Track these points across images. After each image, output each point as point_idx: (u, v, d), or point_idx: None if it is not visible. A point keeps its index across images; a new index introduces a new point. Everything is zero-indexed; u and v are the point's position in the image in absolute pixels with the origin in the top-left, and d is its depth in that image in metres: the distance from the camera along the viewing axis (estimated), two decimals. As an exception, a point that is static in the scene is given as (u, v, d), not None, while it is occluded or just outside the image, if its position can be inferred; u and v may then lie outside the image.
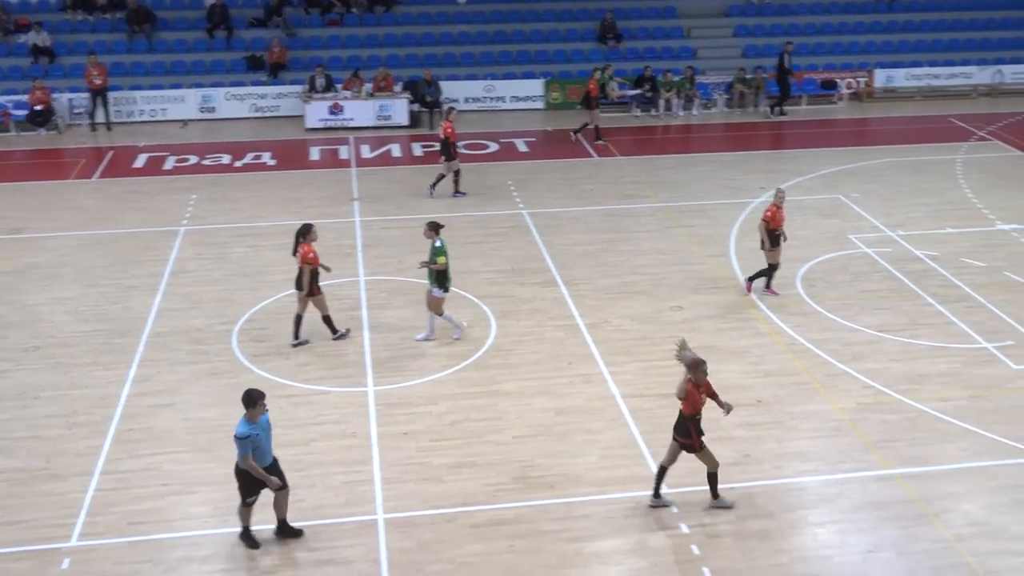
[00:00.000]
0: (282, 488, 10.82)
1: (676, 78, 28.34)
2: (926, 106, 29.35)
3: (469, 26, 30.63)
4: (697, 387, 11.22)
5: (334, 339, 15.44)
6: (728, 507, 11.60)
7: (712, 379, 14.22)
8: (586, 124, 25.72)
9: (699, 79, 28.81)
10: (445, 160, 21.46)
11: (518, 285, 17.33)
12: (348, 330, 15.63)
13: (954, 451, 12.71)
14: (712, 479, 11.57)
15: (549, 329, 15.86)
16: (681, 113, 28.33)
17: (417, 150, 25.49)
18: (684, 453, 11.46)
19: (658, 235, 19.67)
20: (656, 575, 10.59)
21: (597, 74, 26.41)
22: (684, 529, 11.25)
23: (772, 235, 16.56)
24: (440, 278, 15.08)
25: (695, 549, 10.94)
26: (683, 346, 11.43)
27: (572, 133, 25.89)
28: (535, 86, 28.90)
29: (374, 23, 30.61)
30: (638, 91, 28.17)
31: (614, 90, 28.03)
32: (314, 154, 25.21)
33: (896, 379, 14.36)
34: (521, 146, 25.74)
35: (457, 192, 21.72)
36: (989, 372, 14.55)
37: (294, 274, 15.29)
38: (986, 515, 11.53)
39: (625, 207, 21.21)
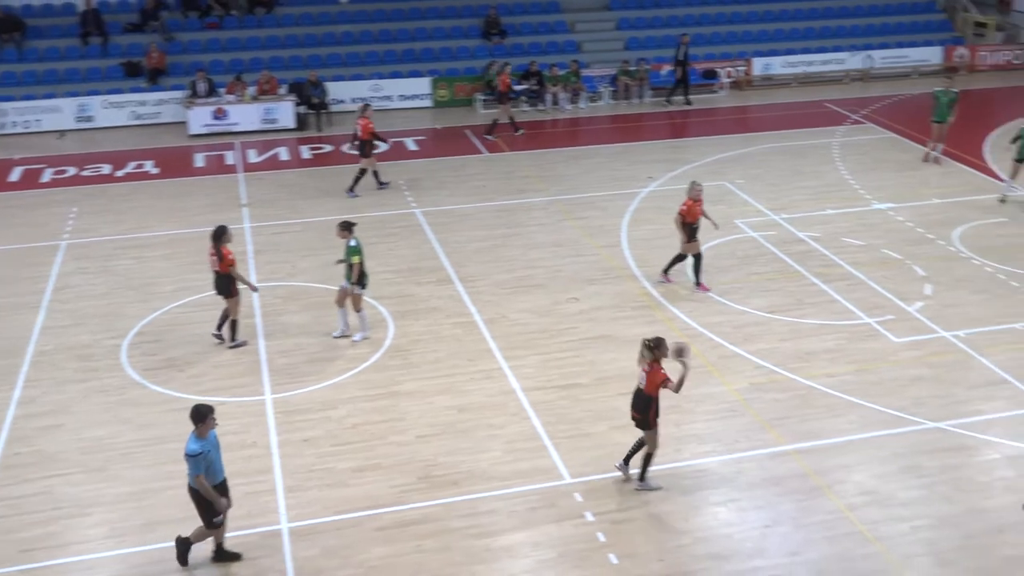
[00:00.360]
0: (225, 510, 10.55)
1: (562, 72, 28.61)
2: (802, 92, 30.26)
3: (352, 26, 30.36)
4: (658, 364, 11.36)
5: (231, 347, 15.19)
6: (656, 489, 11.86)
7: (609, 367, 14.62)
8: (497, 120, 26.01)
9: (584, 72, 29.14)
10: (363, 157, 21.47)
11: (414, 284, 17.28)
12: (245, 341, 15.41)
13: (843, 424, 13.17)
14: (647, 460, 11.86)
15: (447, 327, 15.87)
16: (568, 107, 28.63)
17: (305, 153, 25.18)
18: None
19: (551, 228, 19.86)
20: (563, 565, 10.71)
21: (508, 68, 26.56)
22: (589, 517, 11.40)
23: (689, 228, 16.72)
24: (359, 276, 15.11)
25: (601, 536, 11.10)
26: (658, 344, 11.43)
27: (516, 132, 26.01)
28: (422, 84, 28.82)
29: (255, 25, 30.09)
30: (525, 86, 28.35)
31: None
32: (199, 161, 24.66)
33: (786, 358, 14.81)
34: (411, 145, 25.66)
35: (381, 184, 21.92)
36: (872, 346, 15.12)
37: (186, 283, 14.96)
38: (876, 484, 11.99)
39: (518, 202, 21.34)
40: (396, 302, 16.59)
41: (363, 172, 21.59)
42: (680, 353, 11.31)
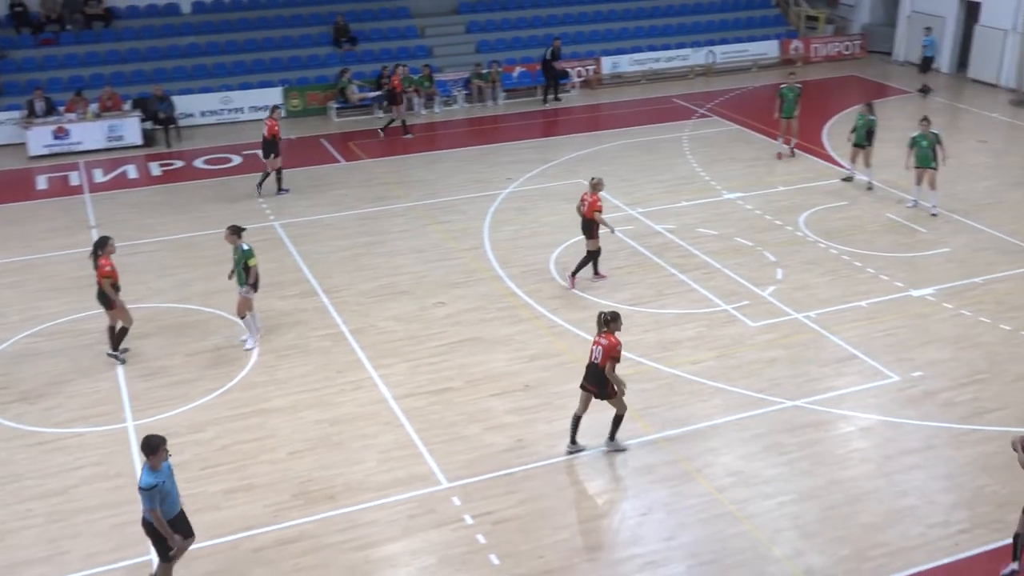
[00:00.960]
0: (186, 542, 10.15)
1: (415, 77, 28.57)
2: (651, 89, 31.07)
3: (197, 37, 29.57)
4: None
5: (111, 353, 14.93)
6: (624, 450, 12.51)
7: (479, 370, 14.71)
8: (392, 120, 26.29)
9: (437, 77, 29.17)
10: (272, 158, 21.74)
11: (277, 299, 16.96)
12: (124, 358, 15.06)
13: (708, 409, 13.62)
14: (617, 421, 12.44)
15: (314, 340, 15.65)
16: (423, 112, 28.61)
17: (155, 170, 24.36)
18: (595, 401, 12.39)
19: (414, 234, 19.82)
20: (445, 570, 10.73)
21: (400, 70, 26.76)
22: (468, 520, 11.44)
23: (597, 223, 16.96)
24: (247, 279, 14.98)
25: (481, 538, 11.16)
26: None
27: (405, 133, 26.26)
28: (274, 94, 28.28)
29: (93, 40, 28.95)
30: (379, 92, 28.20)
31: (354, 93, 27.94)
32: (41, 183, 23.57)
33: (650, 348, 15.20)
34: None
35: (281, 190, 22.09)
36: (731, 332, 15.67)
37: (35, 312, 14.31)
38: (742, 464, 12.44)
39: (378, 209, 21.22)
40: (260, 318, 16.25)
41: (273, 172, 21.96)
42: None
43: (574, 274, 17.24)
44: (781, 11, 35.77)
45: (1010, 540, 10.63)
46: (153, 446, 9.71)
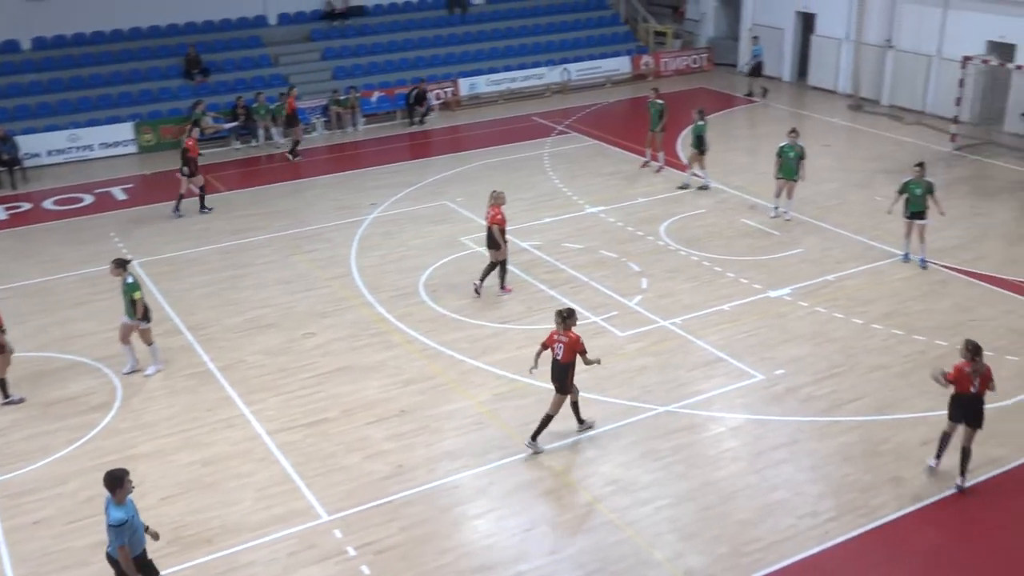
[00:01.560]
0: None
1: (271, 106, 28.17)
2: (509, 108, 31.45)
3: (39, 74, 28.44)
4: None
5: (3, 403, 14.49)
6: (539, 452, 13.00)
7: (354, 398, 14.56)
8: (297, 143, 26.58)
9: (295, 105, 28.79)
10: (188, 176, 22.09)
11: (139, 340, 16.39)
12: (23, 398, 14.64)
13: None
14: (545, 422, 12.98)
15: (180, 380, 15.21)
16: (282, 140, 28.22)
17: (1, 214, 23.27)
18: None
19: (279, 265, 19.50)
20: (331, 604, 10.56)
21: (295, 91, 27.07)
22: (351, 552, 11.29)
23: (502, 234, 17.33)
24: (136, 312, 14.83)
25: (366, 569, 11.02)
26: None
27: (291, 155, 26.48)
28: (124, 130, 27.46)
29: (-75, 81, 27.56)
30: (234, 123, 27.69)
31: (209, 125, 27.36)
32: None
33: (524, 365, 15.22)
34: (119, 194, 24.36)
35: (204, 208, 22.43)
36: (601, 343, 15.94)
37: None
38: (619, 472, 12.66)
39: (241, 242, 20.79)
40: (120, 363, 15.69)
41: (202, 189, 22.41)
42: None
43: (482, 280, 17.65)
44: (630, 28, 36.76)
45: (876, 524, 11.30)
46: (118, 479, 9.49)
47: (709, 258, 19.04)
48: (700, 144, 22.60)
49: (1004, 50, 26.60)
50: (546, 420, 12.99)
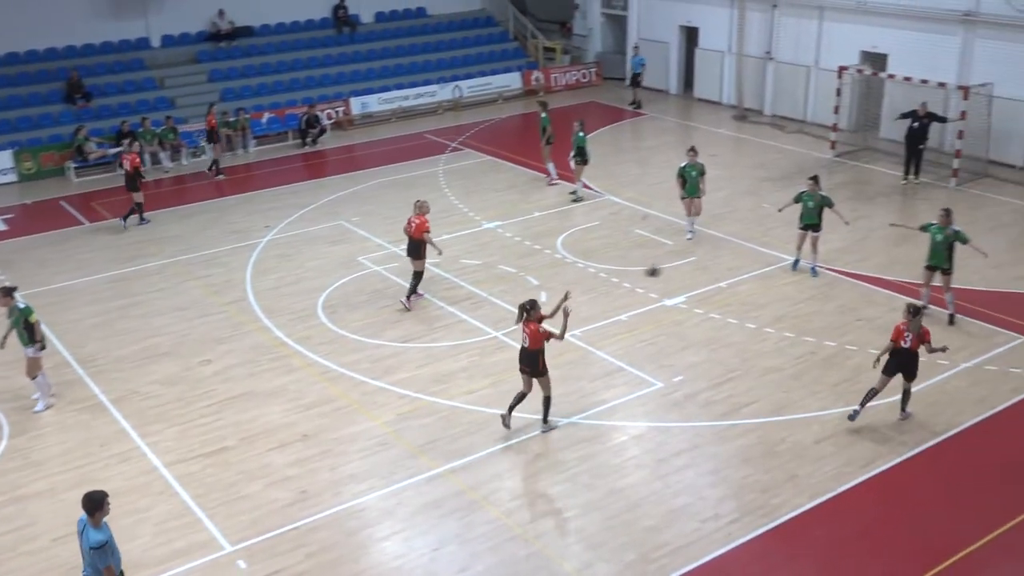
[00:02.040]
0: None
1: (158, 130, 27.53)
2: (402, 126, 31.39)
3: (-93, 102, 27.29)
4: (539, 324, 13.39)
5: None
6: (556, 427, 13.81)
7: (255, 424, 14.31)
8: (216, 160, 26.43)
9: (182, 128, 28.24)
10: (132, 191, 22.45)
11: (23, 376, 15.80)
12: None
13: (488, 436, 13.83)
14: (546, 404, 13.70)
15: (71, 415, 14.71)
16: (170, 164, 27.60)
17: None
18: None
19: (172, 292, 19.05)
20: (238, 636, 10.33)
21: (214, 108, 27.13)
22: (257, 582, 11.09)
23: (425, 243, 17.55)
24: (34, 337, 14.44)
25: (272, 598, 10.83)
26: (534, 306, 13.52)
27: (210, 172, 26.65)
28: (3, 158, 26.48)
29: None
30: (119, 148, 26.95)
31: (93, 150, 26.60)
32: None
33: (426, 383, 15.29)
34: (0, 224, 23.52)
35: (143, 220, 22.76)
36: (503, 358, 16.01)
37: None
38: (526, 486, 12.73)
39: (131, 269, 20.24)
40: (7, 398, 15.11)
41: (138, 205, 22.61)
42: (566, 311, 13.60)
43: (409, 296, 17.85)
44: (520, 44, 37.12)
45: (777, 523, 11.70)
46: (97, 501, 9.44)
47: (606, 269, 19.32)
48: (581, 155, 23.03)
49: (877, 59, 27.73)
50: (546, 402, 13.76)
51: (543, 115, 24.58)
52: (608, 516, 12.08)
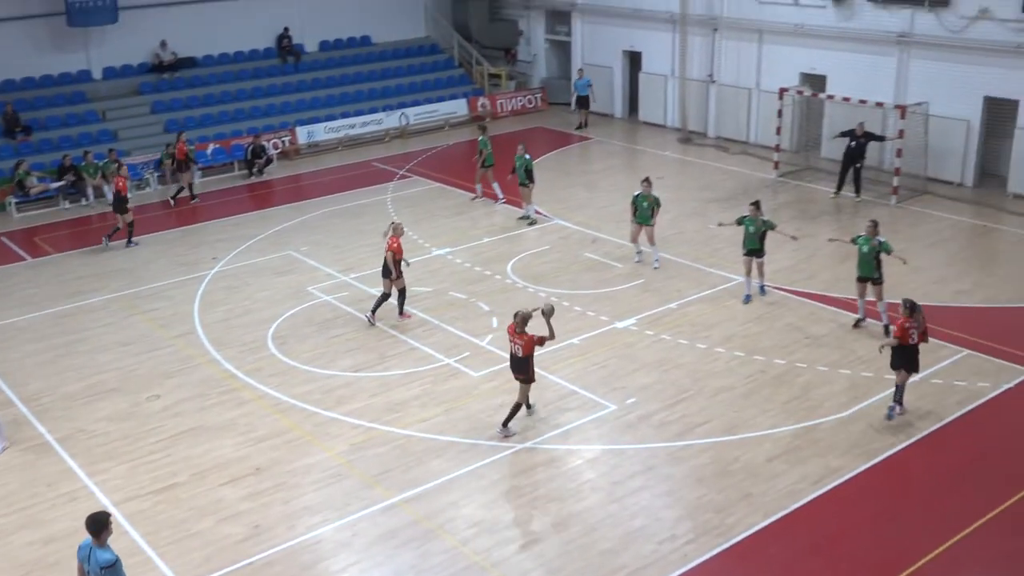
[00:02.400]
0: None
1: (100, 163, 27.17)
2: (349, 155, 31.29)
3: None
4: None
5: None
6: (512, 435, 14.21)
7: (205, 459, 14.11)
8: (181, 188, 26.00)
9: (126, 160, 27.85)
10: (120, 213, 23.11)
11: (-33, 416, 15.49)
12: None
13: (444, 464, 13.77)
14: (514, 410, 14.26)
15: (15, 455, 14.38)
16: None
17: None
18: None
19: (118, 327, 18.76)
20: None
21: (184, 136, 26.98)
22: (212, 620, 10.90)
23: (397, 265, 18.03)
24: None
25: (227, 636, 10.65)
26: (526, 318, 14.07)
27: (173, 201, 26.42)
28: (-60, 194, 25.98)
29: None
30: (62, 182, 26.57)
31: (34, 185, 26.18)
32: None
33: (379, 413, 15.20)
34: (-63, 263, 23.00)
35: (130, 243, 23.32)
36: (456, 384, 15.98)
37: None
38: (482, 513, 12.67)
39: (76, 305, 19.90)
40: (-51, 440, 14.76)
41: (129, 225, 23.25)
42: (548, 312, 14.21)
43: (401, 313, 18.37)
44: (465, 71, 37.27)
45: (732, 542, 11.81)
46: (101, 522, 9.51)
47: (557, 293, 19.39)
48: (530, 177, 23.22)
49: (816, 81, 28.28)
50: (515, 408, 14.25)
51: (481, 138, 24.89)
52: (565, 540, 12.07)
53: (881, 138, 24.76)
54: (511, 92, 36.71)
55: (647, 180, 20.83)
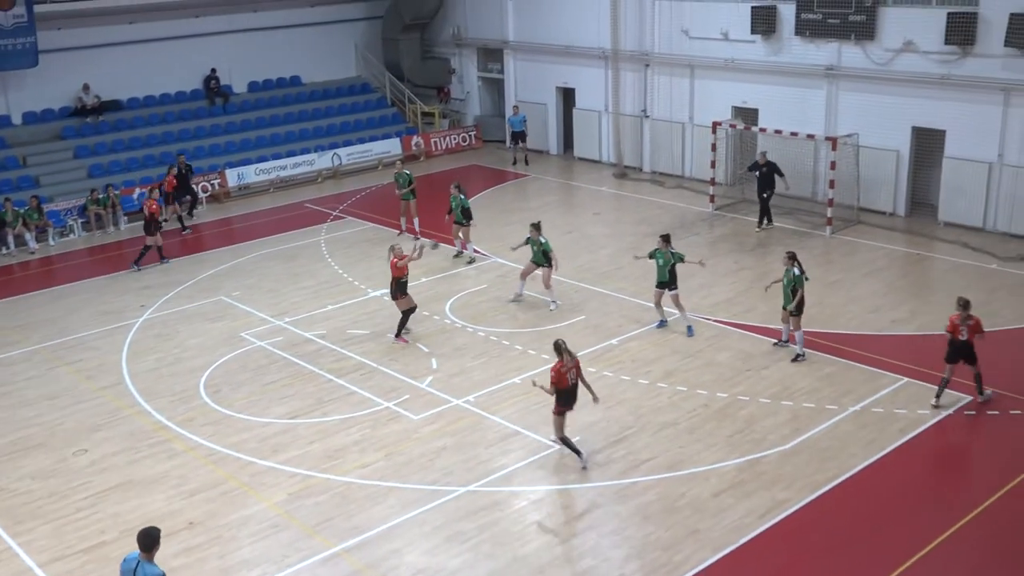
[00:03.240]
0: None
1: (21, 210, 26.36)
2: (281, 197, 30.82)
3: None
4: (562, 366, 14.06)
5: None
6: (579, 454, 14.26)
7: (136, 515, 13.53)
8: (148, 247, 24.64)
9: (48, 207, 27.13)
10: (148, 234, 24.05)
11: None
12: None
13: (385, 511, 13.37)
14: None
15: (-68, 518, 13.66)
16: (36, 246, 26.41)
17: None
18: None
19: (41, 380, 18.05)
20: None
21: (174, 169, 27.44)
22: None
23: (402, 284, 18.40)
24: None
25: None
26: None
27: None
28: None
29: None
30: (-17, 230, 25.73)
31: (-48, 234, 25.31)
32: None
33: (318, 460, 14.75)
34: None
35: (163, 260, 24.40)
36: (396, 428, 15.60)
37: None
38: (426, 560, 12.29)
39: (-4, 358, 19.17)
40: None
41: (147, 248, 23.97)
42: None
43: (398, 335, 18.69)
44: (398, 110, 37.12)
45: (681, 581, 11.44)
46: (153, 538, 9.57)
47: (496, 332, 19.14)
48: (467, 216, 23.09)
49: (748, 114, 28.63)
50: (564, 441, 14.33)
51: (406, 172, 25.41)
52: (513, 586, 11.75)
53: (781, 174, 24.98)
54: (444, 130, 36.62)
55: (534, 225, 20.48)
